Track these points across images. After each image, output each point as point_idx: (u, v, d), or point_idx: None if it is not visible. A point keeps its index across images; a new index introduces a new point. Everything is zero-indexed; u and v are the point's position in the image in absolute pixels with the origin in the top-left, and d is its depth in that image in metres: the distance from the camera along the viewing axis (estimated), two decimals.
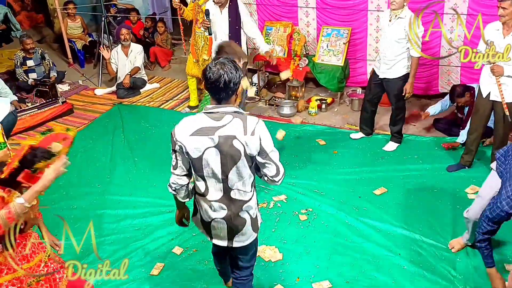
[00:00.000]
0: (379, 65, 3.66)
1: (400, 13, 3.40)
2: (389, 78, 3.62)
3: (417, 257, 2.73)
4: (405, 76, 3.59)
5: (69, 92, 5.41)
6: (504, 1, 2.83)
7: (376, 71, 3.71)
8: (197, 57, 4.43)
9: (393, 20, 3.44)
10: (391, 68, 3.58)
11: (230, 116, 1.77)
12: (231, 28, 3.85)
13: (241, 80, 1.78)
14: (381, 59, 3.60)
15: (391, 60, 3.54)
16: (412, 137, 4.05)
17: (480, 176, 3.42)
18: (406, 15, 3.39)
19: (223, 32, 3.89)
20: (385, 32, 3.52)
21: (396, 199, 3.23)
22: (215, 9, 3.89)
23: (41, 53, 5.24)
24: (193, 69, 4.55)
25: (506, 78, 3.01)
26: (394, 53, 3.51)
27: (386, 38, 3.52)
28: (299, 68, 4.75)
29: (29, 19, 7.55)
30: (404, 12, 3.40)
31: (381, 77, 3.66)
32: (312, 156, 3.81)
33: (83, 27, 6.29)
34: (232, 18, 3.84)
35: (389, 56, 3.53)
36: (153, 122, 4.55)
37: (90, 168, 3.82)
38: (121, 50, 5.20)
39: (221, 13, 3.85)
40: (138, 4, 6.80)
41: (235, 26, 3.85)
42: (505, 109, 3.05)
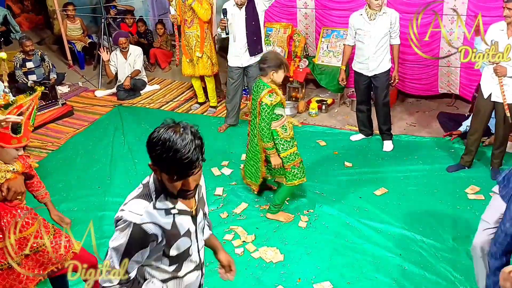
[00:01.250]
0: (366, 65, 3.69)
1: (380, 10, 3.51)
2: (379, 73, 3.68)
3: (418, 257, 2.73)
4: (390, 69, 3.71)
5: (69, 94, 5.41)
6: (510, 2, 2.83)
7: (363, 73, 3.74)
8: (190, 56, 4.46)
9: (376, 17, 3.52)
10: (379, 64, 3.65)
11: None
12: (248, 23, 3.91)
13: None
14: (369, 59, 3.64)
15: (380, 56, 3.62)
16: (412, 137, 4.05)
17: (480, 176, 3.44)
18: (386, 10, 3.53)
19: (241, 29, 3.94)
20: (369, 31, 3.58)
21: (396, 199, 3.24)
22: (234, 9, 3.93)
23: (40, 55, 5.24)
24: (187, 69, 4.57)
25: (508, 79, 3.01)
26: (382, 48, 3.60)
27: (371, 37, 3.58)
28: (299, 69, 4.76)
29: (28, 20, 7.55)
30: (383, 8, 3.53)
31: (371, 75, 3.70)
32: (312, 157, 3.81)
33: (82, 29, 6.29)
34: (249, 15, 3.89)
35: (377, 53, 3.60)
36: (153, 124, 4.48)
37: (90, 170, 3.82)
38: (120, 53, 5.21)
39: (240, 11, 3.91)
40: (138, 6, 6.81)
41: (252, 21, 3.90)
42: (506, 110, 3.06)
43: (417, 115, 4.48)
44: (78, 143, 4.30)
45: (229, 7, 3.93)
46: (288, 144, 2.89)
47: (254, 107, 2.90)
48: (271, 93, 2.78)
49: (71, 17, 6.11)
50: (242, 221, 3.11)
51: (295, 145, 2.93)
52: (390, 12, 3.54)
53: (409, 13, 4.01)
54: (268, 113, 2.78)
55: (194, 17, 4.29)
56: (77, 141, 4.34)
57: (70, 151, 4.18)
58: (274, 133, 2.85)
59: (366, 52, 3.64)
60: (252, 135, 3.04)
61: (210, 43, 4.46)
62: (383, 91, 3.73)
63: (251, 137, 3.06)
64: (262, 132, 2.83)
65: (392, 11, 3.56)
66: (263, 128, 2.82)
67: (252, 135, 3.04)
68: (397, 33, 3.59)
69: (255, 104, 2.88)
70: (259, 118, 2.83)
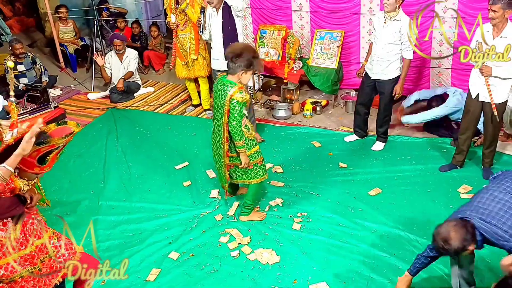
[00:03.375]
0: (371, 66, 3.70)
1: (395, 15, 3.44)
2: (382, 80, 3.67)
3: (412, 257, 2.72)
4: (397, 78, 3.65)
5: (61, 97, 5.36)
6: (495, 4, 2.89)
7: (368, 73, 3.74)
8: (186, 59, 4.47)
9: (388, 22, 3.48)
10: (384, 70, 3.62)
11: None
12: (224, 28, 3.92)
13: None
14: (375, 61, 3.64)
15: (385, 61, 3.59)
16: (405, 138, 4.09)
17: (471, 175, 3.48)
18: (401, 17, 3.44)
19: (218, 32, 3.96)
20: (380, 34, 3.56)
21: (390, 199, 3.26)
22: (212, 10, 3.96)
23: (32, 58, 5.19)
24: (182, 72, 4.58)
25: (494, 79, 3.06)
26: (388, 54, 3.55)
27: (381, 40, 3.56)
28: (294, 71, 4.77)
29: (19, 23, 7.47)
30: (399, 14, 3.45)
31: (374, 78, 3.70)
32: (307, 158, 3.82)
33: (75, 31, 6.25)
34: (225, 19, 3.90)
35: (383, 58, 3.58)
36: (147, 127, 4.53)
37: (84, 174, 3.79)
38: (115, 55, 5.18)
39: (217, 13, 3.93)
40: (131, 8, 6.77)
41: (228, 26, 3.91)
42: (493, 109, 3.10)
43: None
44: (71, 147, 4.25)
45: (208, 7, 3.97)
46: (252, 142, 2.88)
47: (220, 106, 2.76)
48: (241, 90, 2.70)
49: (63, 19, 6.06)
50: (237, 223, 3.11)
51: (257, 144, 2.94)
52: (405, 19, 3.39)
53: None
54: (240, 110, 2.70)
55: (187, 19, 4.30)
56: (70, 145, 4.27)
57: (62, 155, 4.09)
58: None
59: (374, 54, 3.65)
60: (216, 137, 2.92)
61: (204, 44, 4.47)
62: (387, 98, 3.72)
63: (215, 139, 2.95)
64: (234, 130, 2.74)
65: (407, 19, 3.38)
66: (235, 126, 2.73)
67: (216, 138, 2.92)
68: (408, 47, 3.45)
69: (221, 103, 2.73)
70: (228, 117, 2.73)
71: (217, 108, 2.83)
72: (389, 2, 3.38)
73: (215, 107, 2.85)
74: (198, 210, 3.25)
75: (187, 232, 3.05)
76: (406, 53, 3.53)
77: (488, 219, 2.04)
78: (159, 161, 3.91)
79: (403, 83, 3.64)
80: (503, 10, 2.88)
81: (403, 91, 3.71)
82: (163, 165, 3.84)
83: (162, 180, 3.63)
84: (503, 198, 2.10)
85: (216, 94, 2.81)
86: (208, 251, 2.88)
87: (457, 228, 2.01)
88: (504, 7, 2.87)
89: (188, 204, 3.34)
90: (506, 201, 2.08)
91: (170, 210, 3.28)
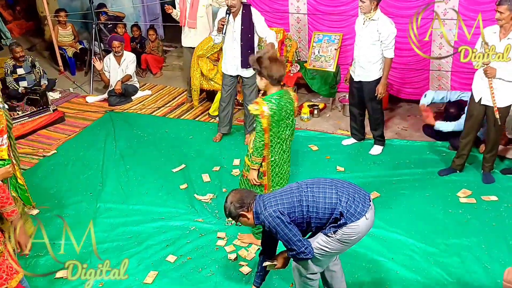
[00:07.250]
0: (354, 68, 3.70)
1: (372, 16, 3.43)
2: (364, 81, 3.66)
3: (410, 261, 2.74)
4: (379, 80, 3.62)
5: (60, 100, 5.36)
6: (502, 5, 2.87)
7: (352, 75, 3.75)
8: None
9: (366, 23, 3.49)
10: (366, 72, 3.61)
11: None
12: (243, 36, 3.74)
13: None
14: (356, 63, 3.65)
15: (366, 63, 3.58)
16: (403, 142, 4.08)
17: (471, 180, 3.46)
18: (378, 17, 3.44)
19: (235, 40, 3.76)
20: (360, 35, 3.57)
21: (388, 203, 3.25)
22: (229, 17, 3.73)
23: (31, 61, 5.20)
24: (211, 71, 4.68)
25: (498, 82, 3.04)
26: (369, 56, 3.55)
27: (361, 42, 3.57)
28: (291, 74, 4.78)
29: (19, 27, 7.50)
30: (376, 14, 3.44)
31: (356, 80, 3.70)
32: (304, 162, 3.82)
33: (74, 35, 6.27)
34: (245, 27, 3.70)
35: (364, 59, 3.57)
36: (145, 129, 4.53)
37: (82, 176, 3.78)
38: (113, 58, 5.19)
39: (234, 20, 3.73)
40: (129, 11, 6.79)
41: (248, 34, 3.74)
42: (495, 112, 3.09)
43: (409, 119, 4.51)
44: (70, 149, 4.26)
45: (223, 14, 3.75)
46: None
47: (292, 120, 2.63)
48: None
49: (62, 23, 6.08)
50: (233, 226, 3.09)
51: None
52: (382, 20, 3.41)
53: (398, 16, 4.05)
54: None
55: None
56: (69, 147, 4.30)
57: (61, 158, 4.14)
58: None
59: (356, 56, 3.65)
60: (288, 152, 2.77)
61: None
62: (371, 100, 3.70)
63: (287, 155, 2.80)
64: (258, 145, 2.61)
65: (384, 20, 3.41)
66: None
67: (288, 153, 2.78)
68: (388, 45, 3.46)
69: (292, 115, 2.60)
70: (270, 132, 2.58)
71: (292, 123, 2.69)
72: (364, 4, 3.37)
73: (291, 121, 2.67)
74: (195, 213, 3.24)
75: (184, 235, 3.04)
76: (386, 52, 3.51)
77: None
78: (157, 164, 3.90)
79: (385, 83, 3.61)
80: (509, 11, 2.84)
81: (385, 91, 3.68)
82: (160, 168, 3.84)
83: (160, 183, 3.63)
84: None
85: (287, 107, 2.60)
86: (206, 254, 2.87)
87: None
88: (511, 8, 2.84)
89: (185, 207, 3.33)
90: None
91: (168, 213, 3.27)
